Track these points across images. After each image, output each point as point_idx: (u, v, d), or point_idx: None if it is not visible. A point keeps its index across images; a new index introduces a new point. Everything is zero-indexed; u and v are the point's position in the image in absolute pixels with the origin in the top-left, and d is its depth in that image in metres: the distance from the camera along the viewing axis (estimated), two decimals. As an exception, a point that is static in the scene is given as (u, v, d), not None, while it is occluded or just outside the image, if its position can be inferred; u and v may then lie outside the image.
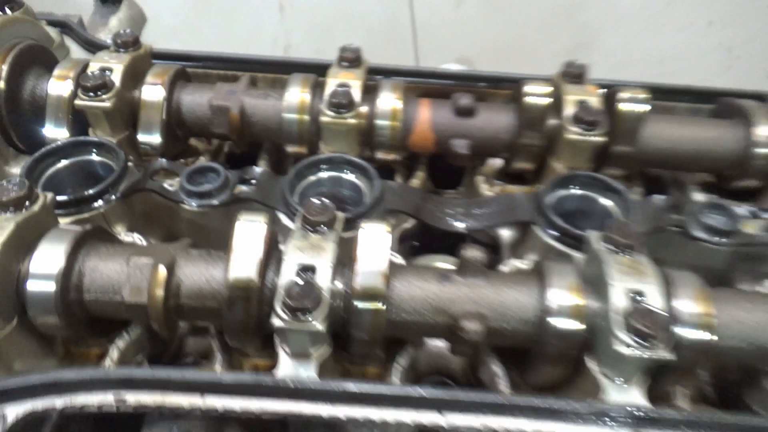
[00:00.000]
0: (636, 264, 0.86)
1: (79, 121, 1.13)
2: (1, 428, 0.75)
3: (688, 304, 0.84)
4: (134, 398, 0.77)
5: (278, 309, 0.78)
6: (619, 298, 0.81)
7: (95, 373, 0.78)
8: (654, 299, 0.82)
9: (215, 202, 1.02)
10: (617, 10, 3.57)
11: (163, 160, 1.07)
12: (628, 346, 0.78)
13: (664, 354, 0.78)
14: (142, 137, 1.16)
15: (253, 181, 1.05)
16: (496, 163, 1.25)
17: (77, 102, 1.09)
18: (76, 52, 1.34)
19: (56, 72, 1.15)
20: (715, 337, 0.82)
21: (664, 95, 1.30)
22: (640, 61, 3.49)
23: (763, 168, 1.14)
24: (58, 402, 0.77)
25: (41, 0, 1.35)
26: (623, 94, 1.12)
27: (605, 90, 1.16)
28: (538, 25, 3.61)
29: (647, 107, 1.11)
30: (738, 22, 3.72)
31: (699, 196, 1.22)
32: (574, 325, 0.84)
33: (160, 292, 0.85)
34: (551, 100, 1.14)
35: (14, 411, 0.76)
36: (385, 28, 3.51)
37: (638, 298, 0.82)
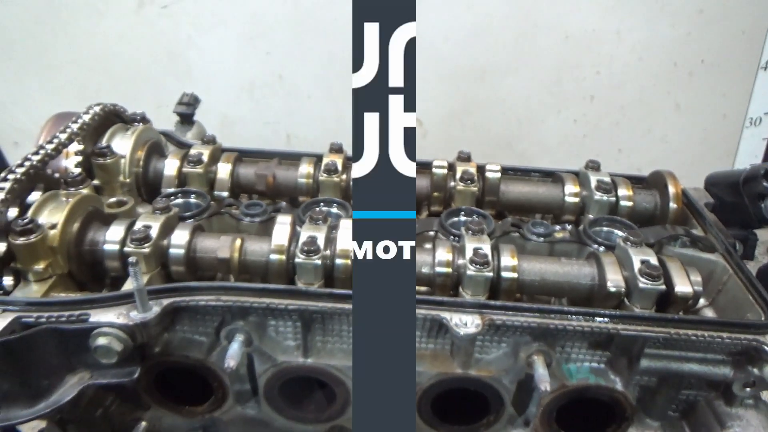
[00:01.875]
0: (480, 238, 1.67)
1: (180, 181, 1.99)
2: (160, 308, 1.49)
3: (505, 258, 1.64)
4: (225, 298, 1.53)
5: (298, 253, 1.58)
6: (470, 250, 1.62)
7: (205, 284, 1.55)
8: (487, 251, 1.62)
9: (258, 219, 1.83)
10: (545, 142, 4.63)
11: (231, 199, 1.91)
12: (474, 271, 1.57)
13: (480, 275, 1.56)
14: (216, 193, 2.00)
15: (281, 210, 1.87)
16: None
17: (184, 169, 1.95)
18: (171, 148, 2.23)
19: (169, 156, 2.02)
20: (516, 275, 1.62)
21: (525, 173, 2.19)
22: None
23: (571, 208, 2.00)
24: (187, 298, 1.52)
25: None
26: (488, 167, 2.00)
27: (480, 165, 2.05)
28: (487, 151, 4.63)
29: (499, 174, 1.99)
30: (642, 150, 4.79)
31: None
32: (447, 269, 1.63)
33: (236, 254, 1.64)
34: (449, 170, 2.02)
35: (164, 302, 1.51)
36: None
37: (480, 251, 1.62)
